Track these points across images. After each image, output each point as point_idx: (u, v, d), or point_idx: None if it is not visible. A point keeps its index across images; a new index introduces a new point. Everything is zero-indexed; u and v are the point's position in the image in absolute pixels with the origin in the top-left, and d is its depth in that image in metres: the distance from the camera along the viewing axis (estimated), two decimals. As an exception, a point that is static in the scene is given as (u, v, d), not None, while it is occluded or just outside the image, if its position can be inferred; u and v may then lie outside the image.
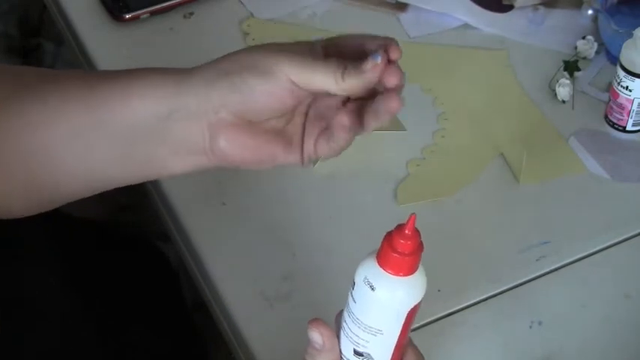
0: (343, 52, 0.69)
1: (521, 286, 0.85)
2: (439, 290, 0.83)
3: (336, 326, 0.65)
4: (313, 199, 0.90)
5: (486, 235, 0.89)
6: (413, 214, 0.60)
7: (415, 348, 0.66)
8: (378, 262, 0.61)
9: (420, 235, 0.60)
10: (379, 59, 0.66)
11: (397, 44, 0.69)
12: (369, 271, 0.61)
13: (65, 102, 0.68)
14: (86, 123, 0.68)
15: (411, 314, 0.62)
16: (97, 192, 0.72)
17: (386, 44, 0.68)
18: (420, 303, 0.62)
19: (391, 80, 0.68)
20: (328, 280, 0.84)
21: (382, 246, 0.61)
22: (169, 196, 0.90)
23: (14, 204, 0.72)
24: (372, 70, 0.66)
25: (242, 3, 1.07)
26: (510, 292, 0.85)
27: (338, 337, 0.65)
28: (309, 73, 0.66)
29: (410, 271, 0.61)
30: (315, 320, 0.65)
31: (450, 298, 0.84)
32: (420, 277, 0.62)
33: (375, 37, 0.70)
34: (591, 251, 0.88)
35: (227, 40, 1.04)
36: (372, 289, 0.61)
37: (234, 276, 0.85)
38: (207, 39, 1.04)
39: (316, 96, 0.70)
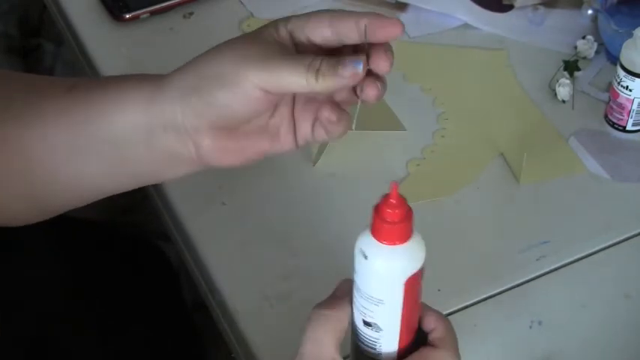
0: (315, 42, 0.66)
1: (521, 286, 0.85)
2: (439, 290, 0.83)
3: (335, 299, 0.67)
4: (313, 199, 0.90)
5: (486, 235, 0.89)
6: (394, 182, 0.60)
7: (443, 320, 0.66)
8: (371, 232, 0.61)
9: (405, 203, 0.60)
10: (360, 68, 0.63)
11: (386, 22, 0.64)
12: (364, 240, 0.61)
13: (57, 117, 0.69)
14: (77, 138, 0.69)
15: (411, 283, 0.62)
16: (89, 202, 0.72)
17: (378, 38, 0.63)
18: (419, 273, 0.62)
19: (381, 66, 0.64)
20: (328, 280, 0.84)
21: (372, 216, 0.61)
22: (169, 196, 0.90)
23: (18, 213, 0.73)
24: (350, 77, 0.63)
25: (242, 3, 1.07)
26: (510, 292, 0.85)
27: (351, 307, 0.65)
28: (277, 78, 0.63)
29: (400, 239, 0.60)
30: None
31: (450, 298, 0.83)
32: (414, 245, 0.61)
33: (351, 16, 0.64)
34: (591, 251, 0.88)
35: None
36: (365, 257, 0.61)
37: (234, 276, 0.85)
38: (207, 39, 1.03)
39: None
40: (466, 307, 0.84)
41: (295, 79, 0.63)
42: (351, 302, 0.65)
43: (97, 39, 1.03)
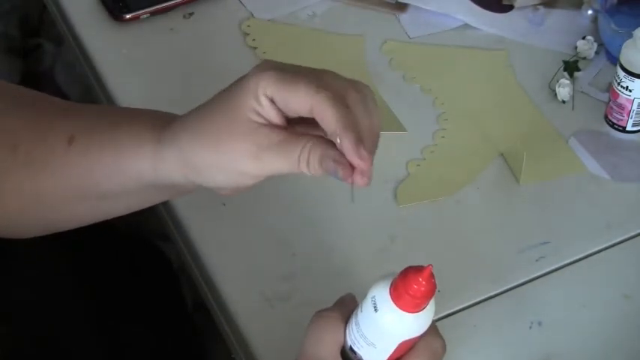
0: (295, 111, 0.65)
1: (521, 287, 0.85)
2: (439, 290, 0.83)
3: (339, 304, 0.69)
4: (313, 199, 0.90)
5: (486, 235, 0.89)
6: (430, 265, 0.62)
7: (429, 341, 0.67)
8: (390, 289, 0.63)
9: (433, 283, 0.63)
10: (339, 176, 0.64)
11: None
12: (379, 293, 0.64)
13: (63, 171, 0.71)
14: (86, 189, 0.71)
15: (406, 344, 0.65)
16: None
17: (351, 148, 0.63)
18: (416, 338, 0.65)
19: (359, 182, 0.65)
20: (328, 280, 0.84)
21: (397, 278, 0.63)
22: (169, 196, 0.90)
23: (32, 232, 0.77)
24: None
25: (242, 3, 1.07)
26: (510, 292, 0.85)
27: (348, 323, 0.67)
28: (270, 169, 0.65)
29: (414, 310, 0.63)
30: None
31: (450, 298, 0.83)
32: (423, 316, 0.64)
33: (333, 115, 0.63)
34: (591, 251, 0.88)
35: (227, 40, 1.04)
36: (375, 310, 0.64)
37: (234, 276, 0.85)
38: (207, 39, 1.04)
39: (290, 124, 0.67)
40: (466, 307, 0.84)
41: (287, 168, 0.65)
42: (350, 315, 0.67)
43: (97, 39, 1.03)
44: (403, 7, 1.08)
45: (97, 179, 0.70)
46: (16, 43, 1.56)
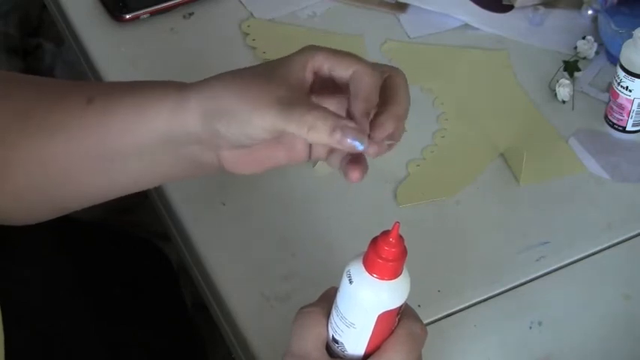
0: (338, 85, 0.68)
1: (521, 287, 0.85)
2: (439, 290, 0.84)
3: (322, 299, 0.69)
4: (313, 199, 0.90)
5: (486, 235, 0.89)
6: (397, 222, 0.62)
7: (409, 325, 0.66)
8: (362, 261, 0.63)
9: (402, 244, 0.62)
10: (360, 149, 0.65)
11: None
12: (353, 265, 0.64)
13: (79, 132, 0.70)
14: (101, 152, 0.70)
15: (385, 317, 0.64)
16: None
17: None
18: (395, 310, 0.64)
19: (371, 153, 0.68)
20: (328, 280, 0.84)
21: (368, 248, 0.63)
22: (169, 196, 0.90)
23: (40, 213, 0.75)
24: (343, 147, 0.65)
25: (242, 3, 1.07)
26: (510, 292, 0.85)
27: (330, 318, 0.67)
28: (282, 126, 0.65)
29: (388, 276, 0.63)
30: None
31: (450, 298, 0.84)
32: (398, 285, 0.63)
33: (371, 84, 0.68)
34: (591, 251, 0.88)
35: (227, 40, 1.04)
36: (350, 282, 0.64)
37: (234, 276, 0.85)
38: (207, 39, 1.04)
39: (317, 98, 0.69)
40: (466, 307, 0.84)
41: (283, 125, 0.65)
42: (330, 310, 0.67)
43: (97, 39, 1.03)
44: (403, 7, 1.08)
45: (111, 137, 0.69)
46: (16, 43, 1.57)
